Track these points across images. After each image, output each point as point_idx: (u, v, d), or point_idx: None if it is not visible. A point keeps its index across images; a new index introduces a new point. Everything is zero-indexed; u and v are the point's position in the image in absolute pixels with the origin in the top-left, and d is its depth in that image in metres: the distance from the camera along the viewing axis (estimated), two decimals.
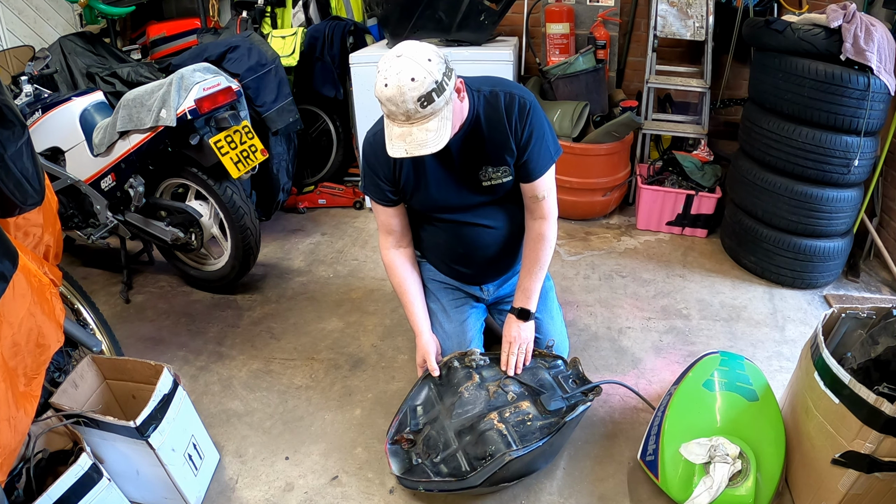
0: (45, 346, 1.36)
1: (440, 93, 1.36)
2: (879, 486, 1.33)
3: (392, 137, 1.42)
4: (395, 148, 1.41)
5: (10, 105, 1.20)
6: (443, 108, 1.39)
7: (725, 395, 1.63)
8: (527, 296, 1.75)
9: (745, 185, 2.57)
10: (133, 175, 2.32)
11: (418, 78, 1.33)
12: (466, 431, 1.55)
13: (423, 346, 1.78)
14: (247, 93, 2.58)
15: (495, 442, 1.48)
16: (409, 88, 1.33)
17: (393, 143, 1.42)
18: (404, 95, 1.33)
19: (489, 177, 1.66)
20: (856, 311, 1.58)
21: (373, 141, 1.65)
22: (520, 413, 1.56)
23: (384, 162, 1.62)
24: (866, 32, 2.07)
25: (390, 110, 1.38)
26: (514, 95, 1.58)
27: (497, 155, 1.62)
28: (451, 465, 1.52)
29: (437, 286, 1.93)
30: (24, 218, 1.48)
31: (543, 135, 1.62)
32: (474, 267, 1.87)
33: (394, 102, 1.35)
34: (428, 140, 1.39)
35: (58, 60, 2.93)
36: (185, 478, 1.56)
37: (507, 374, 1.69)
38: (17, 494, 1.31)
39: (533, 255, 1.73)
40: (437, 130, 1.39)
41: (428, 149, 1.39)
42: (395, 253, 1.82)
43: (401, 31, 2.96)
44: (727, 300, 2.46)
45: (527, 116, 1.58)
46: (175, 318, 2.46)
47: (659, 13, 3.04)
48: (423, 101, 1.35)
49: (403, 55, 1.36)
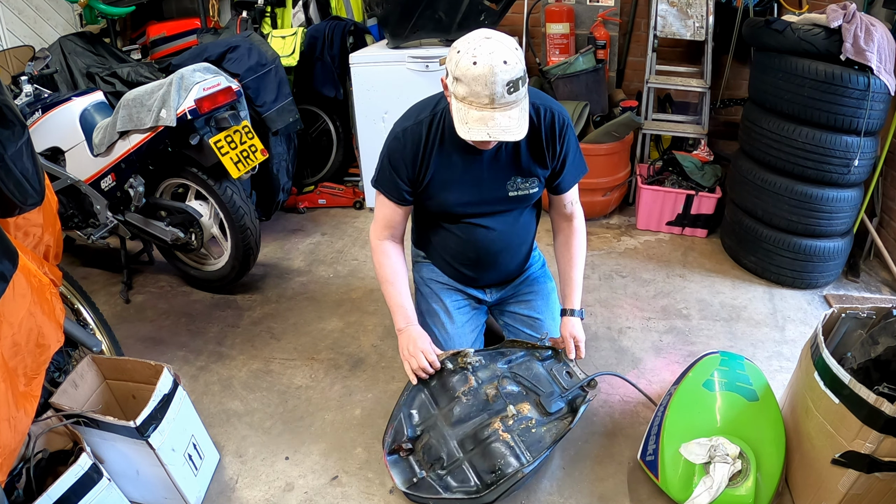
0: (45, 346, 1.36)
1: (524, 83, 1.34)
2: (879, 486, 1.33)
3: (468, 121, 1.35)
4: (475, 131, 1.35)
5: (10, 105, 1.20)
6: (524, 99, 1.37)
7: (725, 395, 1.63)
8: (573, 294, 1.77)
9: (745, 185, 2.57)
10: (133, 175, 2.32)
11: (510, 62, 1.29)
12: (470, 441, 1.54)
13: (416, 335, 1.66)
14: (247, 93, 2.58)
15: (503, 455, 1.48)
16: (501, 70, 1.28)
17: (470, 127, 1.35)
18: (495, 77, 1.28)
19: (518, 187, 1.66)
20: (856, 311, 1.58)
21: (402, 137, 1.60)
22: (522, 419, 1.55)
23: (410, 160, 1.60)
24: (866, 32, 2.07)
25: (474, 90, 1.31)
26: (555, 112, 1.58)
27: (531, 168, 1.63)
28: (459, 479, 1.50)
29: (440, 287, 1.93)
30: (24, 218, 1.48)
31: (577, 151, 1.67)
32: (481, 270, 1.86)
33: (481, 82, 1.29)
34: (511, 127, 1.34)
35: (58, 60, 2.93)
36: (185, 478, 1.56)
37: (502, 374, 1.66)
38: (17, 494, 1.31)
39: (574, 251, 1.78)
40: (518, 119, 1.35)
41: (511, 135, 1.34)
42: (389, 244, 1.76)
43: (401, 31, 2.96)
44: (727, 300, 2.46)
45: (565, 135, 1.60)
46: (175, 318, 2.46)
47: (659, 13, 3.04)
48: (511, 87, 1.31)
49: (493, 38, 1.32)
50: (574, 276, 1.78)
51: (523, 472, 1.44)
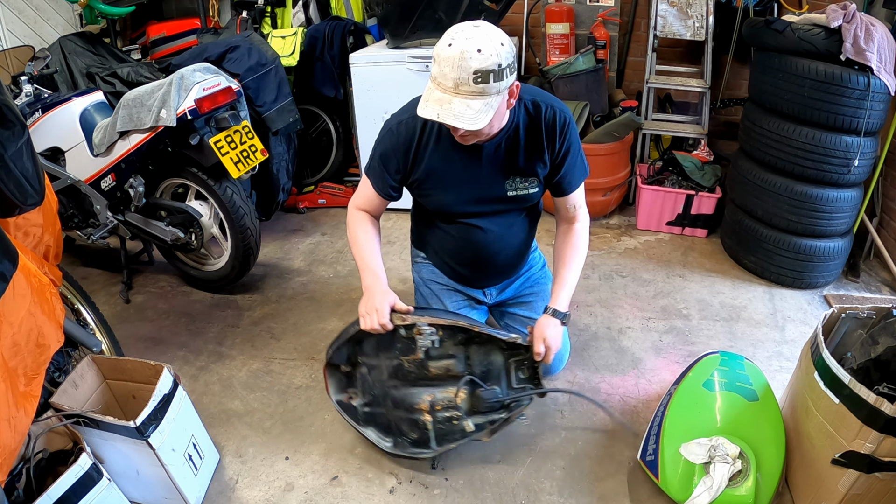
0: (45, 346, 1.36)
1: (498, 78, 1.30)
2: (879, 486, 1.33)
3: (429, 100, 1.34)
4: (428, 109, 1.33)
5: (10, 105, 1.20)
6: (492, 95, 1.32)
7: (725, 395, 1.63)
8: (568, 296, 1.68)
9: (745, 185, 2.57)
10: (133, 175, 2.32)
11: (485, 52, 1.27)
12: (399, 405, 1.63)
13: (378, 293, 1.57)
14: (247, 93, 2.58)
15: (415, 434, 1.64)
16: (471, 57, 1.27)
17: (427, 104, 1.34)
18: (464, 62, 1.27)
19: (516, 187, 1.63)
20: (856, 311, 1.58)
21: (395, 130, 1.58)
22: (450, 409, 1.60)
23: (402, 154, 1.58)
24: (866, 32, 2.07)
25: (442, 71, 1.30)
26: (556, 109, 1.55)
27: (530, 167, 1.60)
28: (379, 421, 1.68)
29: (439, 288, 1.93)
30: (24, 218, 1.48)
31: (579, 152, 1.63)
32: (480, 271, 1.85)
33: (450, 64, 1.28)
34: (465, 115, 1.31)
35: (58, 60, 2.93)
36: (185, 478, 1.56)
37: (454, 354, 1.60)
38: (17, 494, 1.31)
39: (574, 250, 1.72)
40: (478, 111, 1.32)
41: (462, 122, 1.31)
42: (366, 215, 1.73)
43: (401, 31, 2.96)
44: (727, 300, 2.46)
45: (566, 133, 1.57)
46: (175, 318, 2.46)
47: (659, 13, 3.04)
48: (479, 77, 1.28)
49: (482, 27, 1.32)
50: (565, 274, 1.68)
51: (424, 455, 1.63)
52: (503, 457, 1.74)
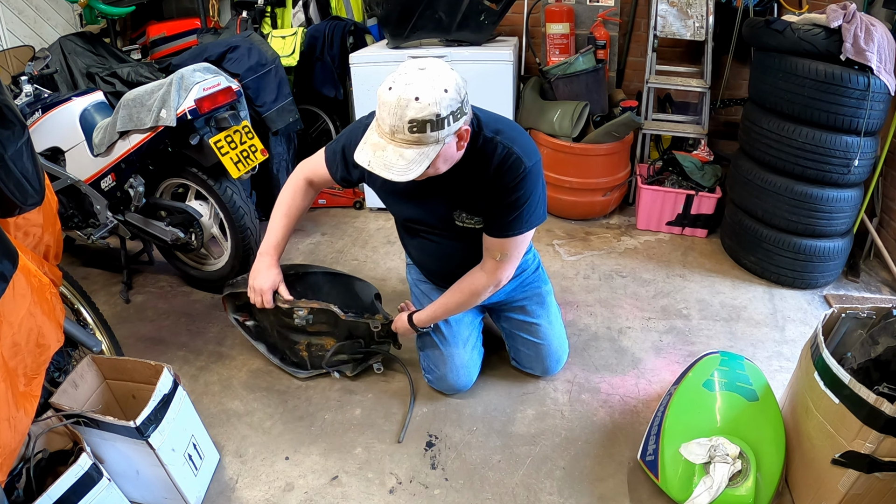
0: (45, 346, 1.36)
1: (435, 128, 1.25)
2: (879, 486, 1.33)
3: (367, 142, 1.32)
4: (363, 153, 1.32)
5: (10, 105, 1.20)
6: (429, 145, 1.27)
7: (725, 395, 1.64)
8: (429, 319, 1.80)
9: (745, 185, 2.57)
10: (133, 175, 2.32)
11: (423, 101, 1.22)
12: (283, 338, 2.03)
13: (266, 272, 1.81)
14: (247, 93, 2.58)
15: (297, 359, 2.06)
16: (408, 105, 1.23)
17: (364, 148, 1.32)
18: (400, 110, 1.23)
19: (463, 220, 1.57)
20: (856, 311, 1.58)
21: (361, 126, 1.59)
22: (322, 350, 2.00)
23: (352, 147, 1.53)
24: (866, 32, 2.07)
25: (380, 115, 1.28)
26: (512, 153, 1.43)
27: (475, 204, 1.52)
28: (268, 341, 2.12)
29: (429, 289, 1.93)
30: (24, 218, 1.48)
31: (528, 201, 1.48)
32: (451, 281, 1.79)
33: (387, 110, 1.25)
34: (396, 166, 1.27)
35: (58, 60, 2.93)
36: (185, 478, 1.56)
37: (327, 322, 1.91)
38: (17, 494, 1.31)
39: (458, 296, 1.68)
40: (411, 162, 1.27)
41: (391, 174, 1.28)
42: (307, 185, 1.81)
43: (401, 31, 2.96)
44: (727, 300, 2.46)
45: (517, 180, 1.44)
46: (175, 318, 2.46)
47: (659, 13, 3.04)
48: (414, 127, 1.24)
49: (427, 70, 1.26)
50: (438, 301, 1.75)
51: (298, 375, 2.06)
52: (503, 457, 1.74)
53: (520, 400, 1.95)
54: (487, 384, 2.01)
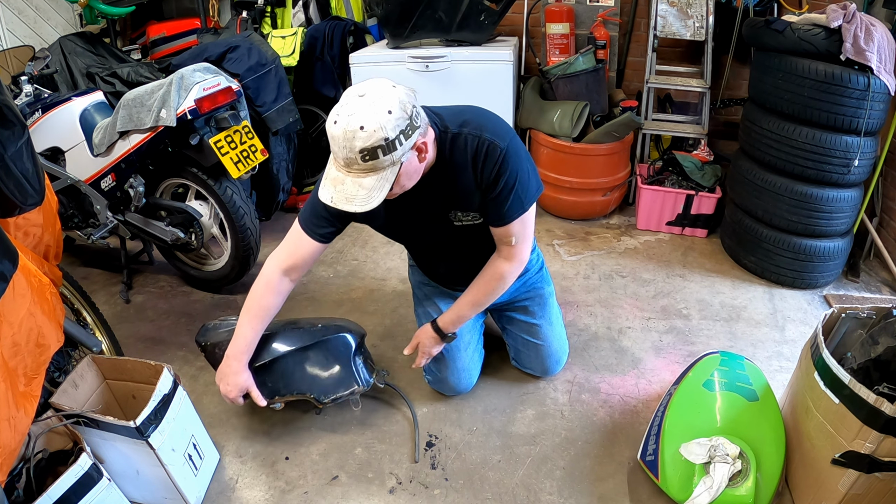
0: (45, 346, 1.36)
1: (388, 151, 1.23)
2: (879, 486, 1.33)
3: (327, 178, 1.31)
4: (324, 191, 1.30)
5: (10, 105, 1.20)
6: (386, 168, 1.26)
7: (725, 395, 1.63)
8: (456, 320, 1.73)
9: (745, 185, 2.57)
10: (133, 175, 2.32)
11: (368, 128, 1.20)
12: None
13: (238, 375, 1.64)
14: (247, 93, 2.58)
15: None
16: (355, 136, 1.20)
17: (325, 184, 1.31)
18: (348, 142, 1.21)
19: (460, 219, 1.55)
20: (856, 311, 1.58)
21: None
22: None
23: None
24: (866, 32, 2.07)
25: (333, 150, 1.26)
26: (484, 141, 1.41)
27: (465, 201, 1.50)
28: None
29: (432, 291, 1.92)
30: (24, 218, 1.48)
31: (516, 182, 1.45)
32: (460, 286, 1.81)
33: (337, 143, 1.24)
34: (357, 197, 1.26)
35: (58, 60, 2.93)
36: (185, 478, 1.56)
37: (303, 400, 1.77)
38: (17, 494, 1.31)
39: (484, 287, 1.65)
40: (371, 189, 1.26)
41: (354, 206, 1.27)
42: (283, 281, 1.62)
43: (401, 31, 2.96)
44: (727, 300, 2.46)
45: (497, 165, 1.42)
46: (175, 318, 2.46)
47: (659, 13, 3.04)
48: (366, 155, 1.22)
49: (366, 96, 1.23)
50: (462, 301, 1.71)
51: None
52: (503, 457, 1.74)
53: (520, 400, 1.95)
54: (487, 384, 2.01)
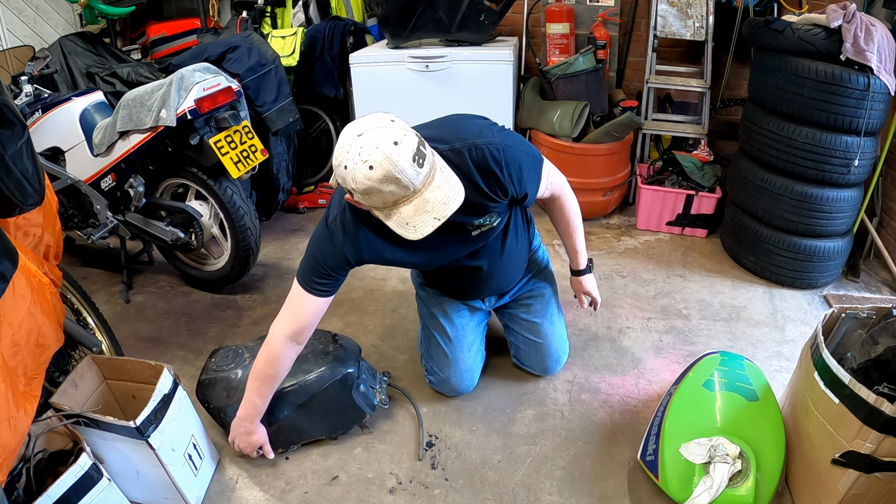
0: (45, 346, 1.36)
1: (425, 146, 1.21)
2: (879, 486, 1.33)
3: (409, 222, 1.21)
4: (423, 225, 1.21)
5: (10, 105, 1.20)
6: (435, 160, 1.25)
7: (725, 395, 1.63)
8: (579, 256, 1.88)
9: (745, 185, 2.57)
10: (133, 175, 2.32)
11: (399, 139, 1.16)
12: None
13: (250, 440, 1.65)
14: (247, 93, 2.58)
15: None
16: (398, 153, 1.15)
17: (415, 225, 1.21)
18: (398, 164, 1.15)
19: (477, 227, 1.52)
20: (856, 311, 1.58)
21: (333, 227, 1.44)
22: None
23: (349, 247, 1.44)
24: (866, 32, 2.07)
25: (390, 192, 1.18)
26: (481, 147, 1.39)
27: (479, 209, 1.47)
28: None
29: (435, 293, 1.92)
30: (24, 218, 1.48)
31: (524, 167, 1.47)
32: (473, 295, 1.87)
33: (390, 180, 1.16)
34: (448, 196, 1.22)
35: (58, 60, 2.93)
36: (185, 478, 1.56)
37: None
38: (17, 494, 1.31)
39: (569, 219, 1.77)
40: (447, 181, 1.23)
41: (455, 202, 1.22)
42: (291, 346, 1.55)
43: (401, 31, 2.96)
44: (727, 300, 2.46)
45: (503, 166, 1.41)
46: (175, 318, 2.46)
47: (659, 13, 3.04)
48: (418, 159, 1.18)
49: (365, 132, 1.18)
50: (574, 244, 1.84)
51: None
52: (503, 457, 1.74)
53: (520, 400, 1.95)
54: (487, 384, 2.01)
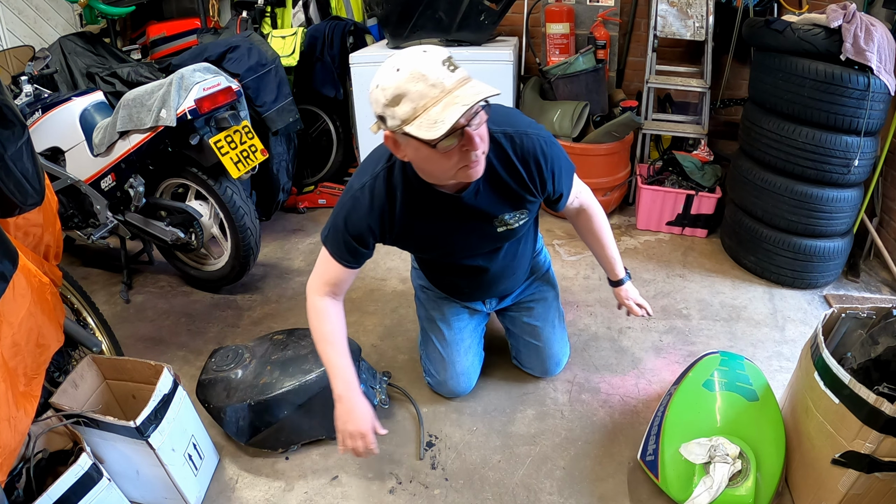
0: (45, 346, 1.36)
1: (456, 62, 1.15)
2: (879, 486, 1.33)
3: (436, 120, 1.09)
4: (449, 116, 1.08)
5: (10, 105, 1.20)
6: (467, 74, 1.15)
7: (725, 395, 1.63)
8: (615, 266, 1.84)
9: (745, 185, 2.57)
10: (133, 175, 2.32)
11: (429, 50, 1.13)
12: None
13: (358, 412, 1.44)
14: (247, 93, 2.58)
15: None
16: (428, 57, 1.11)
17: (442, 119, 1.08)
18: (427, 63, 1.10)
19: (505, 223, 1.51)
20: (856, 311, 1.58)
21: (359, 195, 1.40)
22: None
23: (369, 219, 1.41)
24: (866, 32, 2.07)
25: (418, 92, 1.09)
26: (531, 136, 1.38)
27: (516, 202, 1.47)
28: None
29: (435, 296, 1.92)
30: (24, 218, 1.48)
31: (563, 166, 1.49)
32: (479, 296, 1.87)
33: (417, 77, 1.09)
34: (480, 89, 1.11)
35: (58, 60, 2.93)
36: (185, 478, 1.56)
37: None
38: (17, 494, 1.31)
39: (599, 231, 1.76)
40: (483, 85, 1.13)
41: (486, 92, 1.10)
42: (329, 301, 1.53)
43: (401, 31, 2.96)
44: (727, 300, 2.46)
45: (549, 160, 1.42)
46: (175, 318, 2.46)
47: (659, 13, 3.04)
48: (449, 64, 1.11)
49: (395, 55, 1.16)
50: (608, 254, 1.81)
51: None
52: (503, 457, 1.74)
53: (520, 400, 1.95)
54: (487, 384, 2.01)
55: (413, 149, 1.20)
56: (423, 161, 1.24)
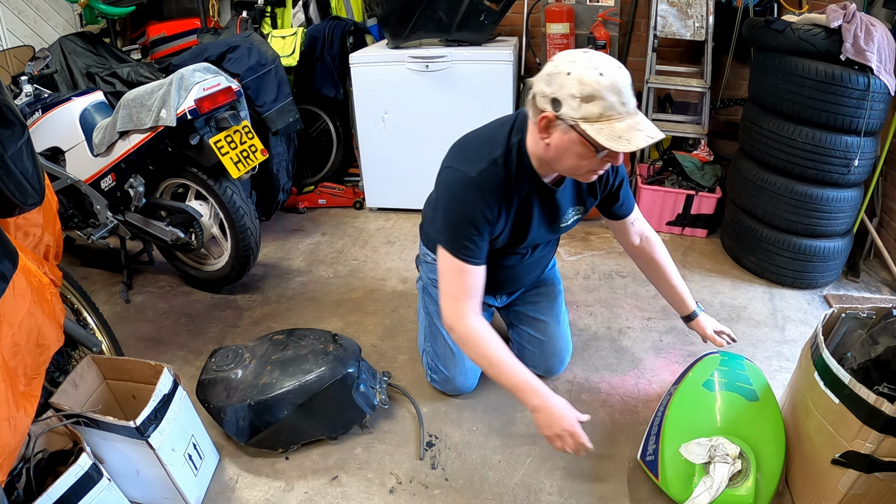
0: (45, 346, 1.36)
1: None
2: (879, 486, 1.33)
3: (620, 135, 1.19)
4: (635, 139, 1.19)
5: (10, 105, 1.20)
6: None
7: (725, 395, 1.63)
8: (686, 299, 1.83)
9: (745, 185, 2.57)
10: (133, 175, 2.32)
11: (623, 67, 1.21)
12: None
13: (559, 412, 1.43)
14: (247, 93, 2.58)
15: None
16: (625, 75, 1.20)
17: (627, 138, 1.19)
18: (625, 81, 1.19)
19: (567, 219, 1.60)
20: (856, 311, 1.58)
21: (478, 182, 1.36)
22: None
23: (490, 208, 1.40)
24: (866, 32, 2.07)
25: (610, 104, 1.18)
26: None
27: (581, 200, 1.58)
28: None
29: None
30: (24, 218, 1.48)
31: (620, 167, 1.57)
32: (503, 290, 1.88)
33: (615, 90, 1.17)
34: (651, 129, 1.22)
35: (58, 60, 2.93)
36: (185, 478, 1.56)
37: None
38: (17, 494, 1.31)
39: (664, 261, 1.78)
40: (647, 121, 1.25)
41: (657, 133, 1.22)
42: (478, 320, 1.47)
43: (401, 31, 2.96)
44: (727, 300, 2.46)
45: None
46: (175, 318, 2.46)
47: (659, 13, 3.04)
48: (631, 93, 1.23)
49: (590, 51, 1.23)
50: (675, 285, 1.81)
51: None
52: (503, 457, 1.74)
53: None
54: (488, 384, 2.01)
55: (568, 140, 1.25)
56: (565, 152, 1.28)
